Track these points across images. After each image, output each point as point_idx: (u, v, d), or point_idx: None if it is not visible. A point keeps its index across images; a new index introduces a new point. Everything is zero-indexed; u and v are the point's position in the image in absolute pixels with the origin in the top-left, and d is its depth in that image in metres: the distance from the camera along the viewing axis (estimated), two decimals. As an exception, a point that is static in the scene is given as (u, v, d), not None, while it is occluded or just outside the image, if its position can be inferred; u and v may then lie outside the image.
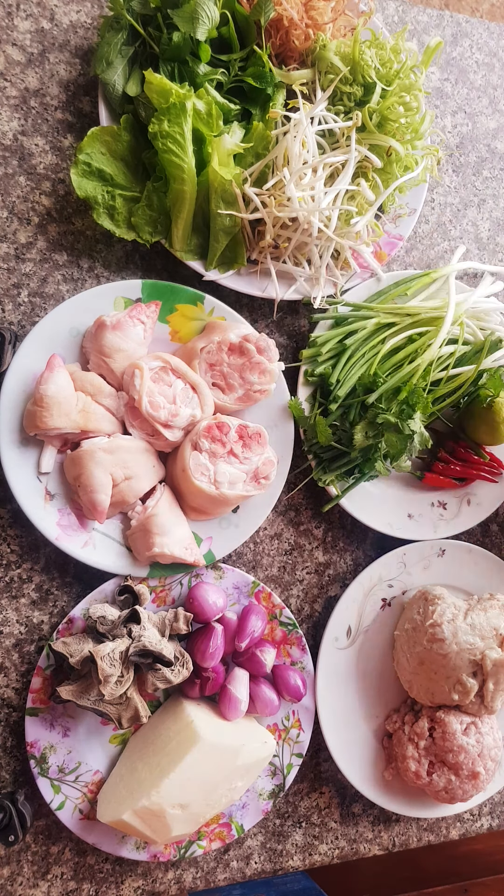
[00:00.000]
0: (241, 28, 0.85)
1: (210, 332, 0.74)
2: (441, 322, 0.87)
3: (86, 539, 0.74)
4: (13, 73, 0.87)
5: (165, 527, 0.70)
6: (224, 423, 0.70)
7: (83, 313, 0.74)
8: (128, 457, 0.70)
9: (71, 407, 0.68)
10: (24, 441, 0.72)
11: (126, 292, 0.75)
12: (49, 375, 0.67)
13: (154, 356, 0.71)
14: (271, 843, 0.87)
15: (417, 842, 0.93)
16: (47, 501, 0.72)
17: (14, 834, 0.74)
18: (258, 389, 0.73)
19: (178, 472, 0.72)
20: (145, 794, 0.70)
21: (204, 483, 0.69)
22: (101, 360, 0.71)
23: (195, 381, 0.72)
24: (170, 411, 0.69)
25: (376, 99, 0.85)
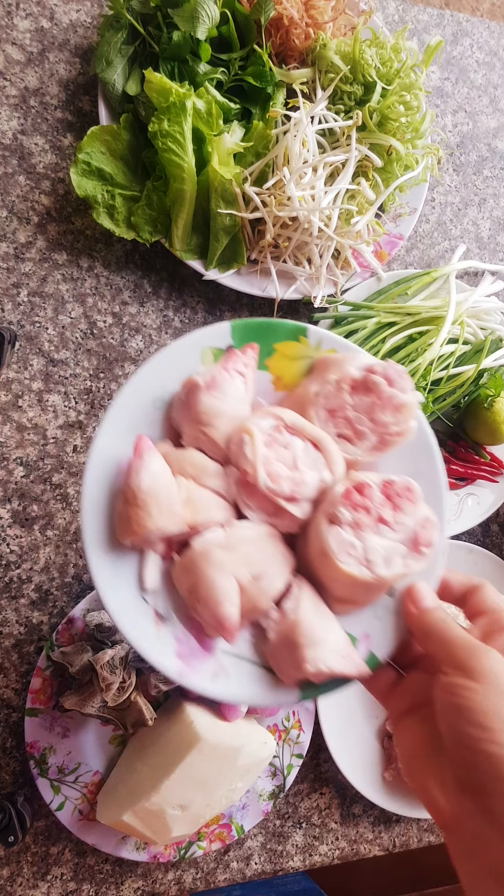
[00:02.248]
0: (242, 27, 0.85)
1: (321, 370, 0.57)
2: (441, 321, 0.87)
3: (215, 667, 0.55)
4: (13, 72, 0.87)
5: (314, 634, 0.51)
6: (364, 482, 0.52)
7: (165, 377, 0.56)
8: (252, 550, 0.52)
9: (172, 499, 0.51)
10: (117, 552, 0.54)
11: (213, 341, 0.57)
12: (140, 464, 0.51)
13: (262, 413, 0.53)
14: (271, 843, 0.87)
15: (418, 842, 0.92)
16: (159, 626, 0.54)
17: (13, 835, 0.74)
18: (395, 431, 0.54)
19: (314, 557, 0.53)
20: (145, 795, 0.70)
21: (353, 566, 0.50)
22: (199, 431, 0.54)
23: (317, 436, 0.53)
24: (292, 480, 0.52)
25: (377, 98, 0.85)
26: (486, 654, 0.43)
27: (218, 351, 0.57)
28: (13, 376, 0.83)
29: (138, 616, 0.53)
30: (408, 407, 0.54)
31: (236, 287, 0.86)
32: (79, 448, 0.85)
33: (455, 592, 0.54)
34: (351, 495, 0.51)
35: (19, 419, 0.83)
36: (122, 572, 0.53)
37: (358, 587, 0.51)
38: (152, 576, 0.54)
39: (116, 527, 0.53)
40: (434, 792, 0.43)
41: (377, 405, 0.54)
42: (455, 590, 0.54)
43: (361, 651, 0.54)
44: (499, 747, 0.39)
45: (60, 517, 0.83)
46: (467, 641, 0.44)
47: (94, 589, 0.81)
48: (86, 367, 0.86)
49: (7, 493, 0.82)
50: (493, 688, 0.41)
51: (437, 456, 0.57)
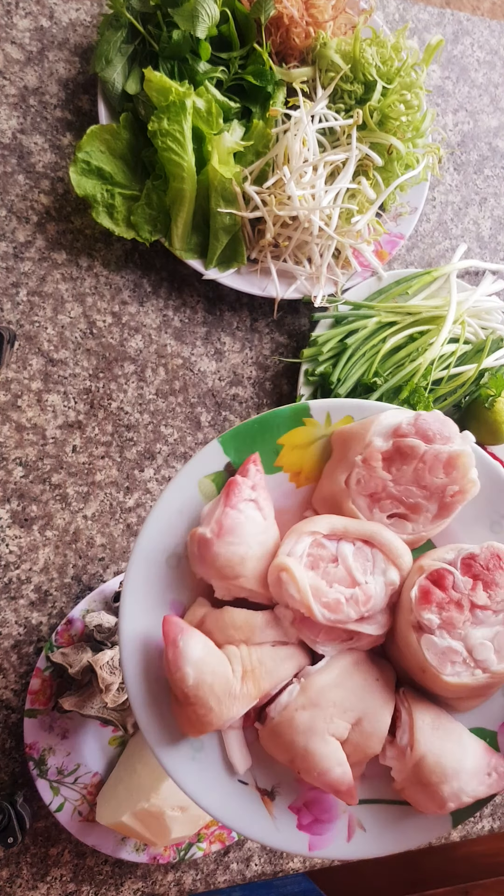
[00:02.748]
0: (242, 26, 0.84)
1: (343, 448, 0.48)
2: (442, 321, 0.87)
3: (344, 824, 0.46)
4: (12, 71, 0.87)
5: (445, 767, 0.43)
6: (441, 571, 0.43)
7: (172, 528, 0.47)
8: (340, 694, 0.44)
9: (229, 682, 0.43)
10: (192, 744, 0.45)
11: (208, 467, 0.47)
12: (177, 656, 0.41)
13: (294, 536, 0.44)
14: (271, 845, 0.87)
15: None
16: (270, 808, 0.46)
17: (13, 836, 0.74)
18: (455, 491, 0.45)
19: (414, 671, 0.45)
20: (145, 796, 0.70)
21: (463, 675, 0.41)
22: (229, 585, 0.45)
23: (367, 532, 0.44)
24: (355, 599, 0.43)
25: (377, 97, 0.85)
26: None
27: (218, 475, 0.48)
28: (12, 376, 0.83)
29: (244, 804, 0.45)
30: (460, 458, 0.44)
31: (236, 286, 0.86)
32: (78, 448, 0.85)
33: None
34: (430, 594, 0.42)
35: (18, 419, 0.83)
36: (205, 763, 0.45)
37: (477, 689, 0.43)
38: (240, 757, 0.46)
39: (179, 724, 0.44)
40: None
41: (422, 469, 0.44)
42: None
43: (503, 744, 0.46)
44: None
45: (60, 517, 0.83)
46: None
47: (95, 589, 0.81)
48: (85, 367, 0.86)
49: (6, 494, 0.81)
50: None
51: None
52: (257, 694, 0.44)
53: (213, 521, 0.44)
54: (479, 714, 0.46)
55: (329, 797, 0.46)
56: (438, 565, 0.42)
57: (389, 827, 0.46)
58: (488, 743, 0.45)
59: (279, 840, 0.45)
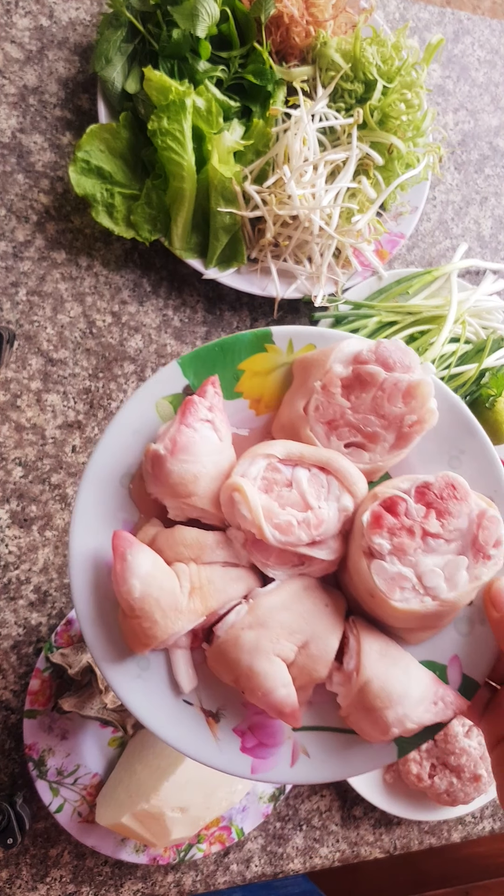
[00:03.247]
0: (242, 25, 0.84)
1: (303, 374, 0.47)
2: (443, 320, 0.86)
3: (288, 750, 0.46)
4: (12, 70, 0.87)
5: (390, 692, 0.42)
6: (394, 497, 0.42)
7: (127, 448, 0.47)
8: (287, 616, 0.44)
9: (175, 597, 0.43)
10: (137, 659, 0.45)
11: (166, 388, 0.47)
12: (125, 569, 0.42)
13: (249, 456, 0.44)
14: (272, 846, 0.86)
15: (419, 845, 0.92)
16: (214, 729, 0.46)
17: (12, 837, 0.73)
18: (413, 421, 0.44)
19: (364, 597, 0.44)
20: (144, 797, 0.70)
21: (411, 601, 0.41)
22: (181, 504, 0.45)
23: (323, 458, 0.44)
24: (307, 522, 0.43)
25: (377, 96, 0.85)
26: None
27: (176, 397, 0.48)
28: (11, 376, 0.83)
29: (187, 724, 0.45)
30: (419, 387, 0.43)
31: (236, 286, 0.86)
32: (77, 448, 0.84)
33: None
34: (382, 519, 0.41)
35: (18, 419, 0.83)
36: (151, 682, 0.45)
37: (427, 618, 0.42)
38: (186, 676, 0.46)
39: (125, 639, 0.44)
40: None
41: (380, 398, 0.44)
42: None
43: (453, 678, 0.45)
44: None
45: (59, 518, 0.83)
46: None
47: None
48: (85, 367, 0.86)
49: (6, 494, 0.81)
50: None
51: (477, 426, 0.47)
52: (204, 610, 0.44)
53: (167, 438, 0.44)
54: (430, 647, 0.46)
55: (274, 723, 0.46)
56: (392, 492, 0.42)
57: (334, 754, 0.45)
58: (438, 676, 0.45)
59: (221, 761, 0.45)
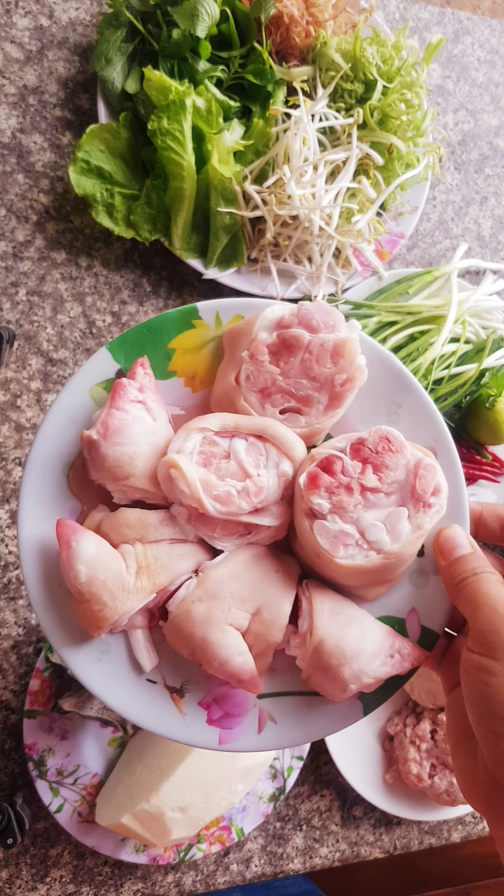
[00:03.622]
0: (242, 25, 0.84)
1: (232, 346, 0.48)
2: (443, 320, 0.86)
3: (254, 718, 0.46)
4: (12, 70, 0.87)
5: (344, 649, 0.43)
6: (329, 456, 0.42)
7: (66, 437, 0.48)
8: (237, 586, 0.45)
9: (122, 577, 0.44)
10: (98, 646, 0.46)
11: (96, 375, 0.48)
12: (70, 555, 0.43)
13: (183, 433, 0.45)
14: (271, 846, 0.86)
15: (419, 845, 0.92)
16: (180, 705, 0.46)
17: (12, 837, 0.73)
18: (343, 380, 0.44)
19: (312, 559, 0.45)
20: (144, 798, 0.70)
21: (356, 557, 0.42)
22: (121, 486, 0.46)
23: (258, 427, 0.45)
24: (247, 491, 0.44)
25: (377, 96, 0.85)
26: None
27: (108, 382, 0.48)
28: (11, 376, 0.83)
29: (152, 702, 0.45)
30: (345, 346, 0.44)
31: (236, 286, 0.86)
32: (78, 448, 0.84)
33: (492, 529, 0.43)
34: (318, 479, 0.42)
35: (18, 419, 0.83)
36: (112, 664, 0.46)
37: (375, 572, 0.42)
38: (146, 655, 0.47)
39: (81, 624, 0.45)
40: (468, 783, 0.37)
41: (308, 360, 0.44)
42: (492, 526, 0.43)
43: (412, 630, 0.46)
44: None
45: (59, 517, 0.83)
46: (498, 605, 0.35)
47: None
48: (85, 367, 0.86)
49: (6, 494, 0.81)
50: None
51: (411, 379, 0.47)
52: (152, 588, 0.44)
53: (98, 423, 0.45)
54: (387, 602, 0.46)
55: (238, 693, 0.46)
56: (328, 451, 0.42)
57: (300, 718, 0.46)
58: (397, 630, 0.45)
59: (189, 735, 0.45)
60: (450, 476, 0.45)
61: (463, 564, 0.39)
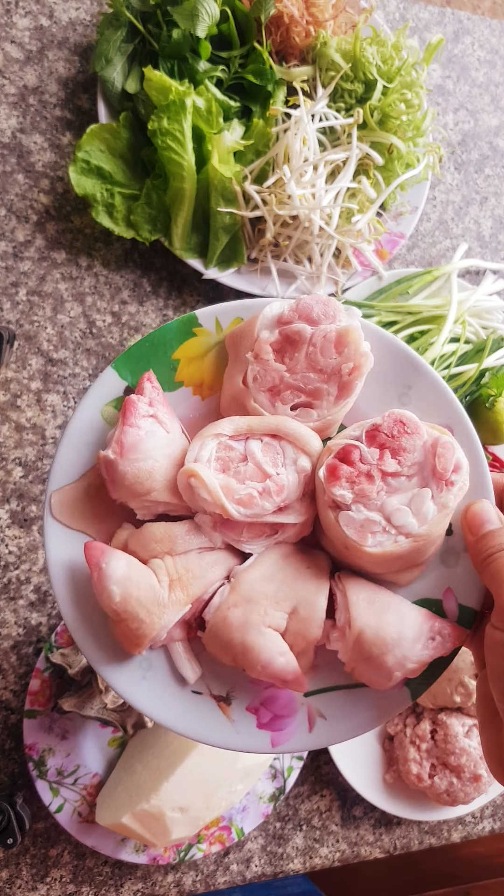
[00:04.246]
0: (242, 25, 0.84)
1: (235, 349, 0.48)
2: (443, 320, 0.86)
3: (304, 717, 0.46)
4: (12, 70, 0.87)
5: (385, 638, 0.43)
6: (346, 447, 0.43)
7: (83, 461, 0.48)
8: (271, 587, 0.44)
9: (155, 593, 0.44)
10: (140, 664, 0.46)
11: (107, 394, 0.48)
12: (101, 577, 0.43)
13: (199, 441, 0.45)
14: (272, 846, 0.86)
15: (419, 845, 0.92)
16: (228, 712, 0.46)
17: (12, 837, 0.73)
18: (350, 369, 0.45)
19: (341, 551, 0.45)
20: (144, 797, 0.70)
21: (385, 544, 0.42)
22: (143, 502, 0.46)
23: (271, 426, 0.45)
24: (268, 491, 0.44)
25: (377, 96, 0.85)
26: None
27: (118, 401, 0.48)
28: (11, 376, 0.83)
29: (200, 713, 0.45)
30: (347, 334, 0.44)
31: (236, 286, 0.86)
32: (78, 448, 0.84)
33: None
34: (337, 470, 0.42)
35: (18, 419, 0.83)
36: (156, 680, 0.45)
37: (405, 557, 0.42)
38: (188, 667, 0.46)
39: (121, 645, 0.45)
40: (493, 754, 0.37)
41: (313, 353, 0.44)
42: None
43: (450, 610, 0.45)
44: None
45: (59, 517, 0.83)
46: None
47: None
48: (85, 367, 0.86)
49: (6, 494, 0.81)
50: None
51: (419, 359, 0.47)
52: (187, 600, 0.44)
53: (113, 442, 0.45)
54: (422, 585, 0.46)
55: (284, 693, 0.46)
56: (344, 442, 0.42)
57: (349, 711, 0.46)
58: (434, 612, 0.45)
59: (241, 742, 0.45)
60: (469, 451, 0.44)
61: (490, 539, 0.39)
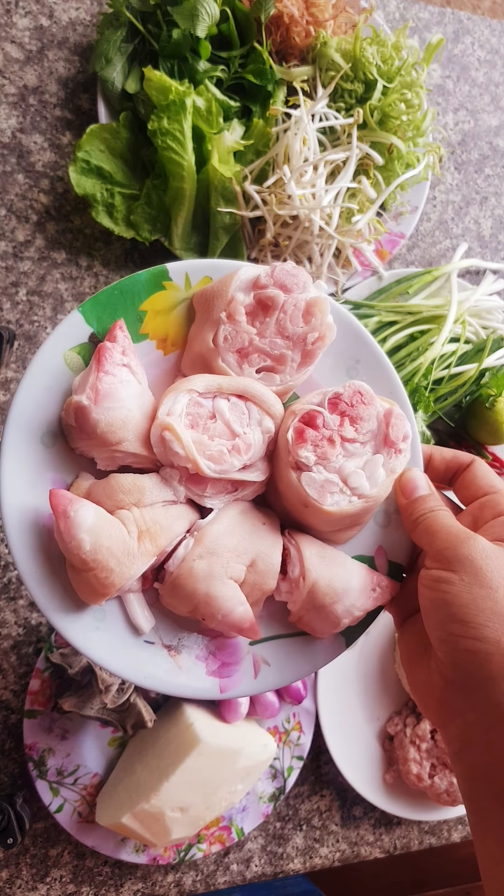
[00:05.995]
0: (242, 25, 0.84)
1: (205, 308, 0.48)
2: (443, 320, 0.86)
3: (249, 664, 0.49)
4: (12, 70, 0.87)
5: (335, 588, 0.47)
6: (311, 412, 0.45)
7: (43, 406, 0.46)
8: (232, 540, 0.46)
9: (126, 543, 0.44)
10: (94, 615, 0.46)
11: (71, 339, 0.47)
12: (69, 525, 0.42)
13: (172, 394, 0.45)
14: (272, 846, 0.86)
15: (419, 845, 0.92)
16: (178, 661, 0.48)
17: (12, 837, 0.73)
18: (315, 338, 0.47)
19: (295, 507, 0.48)
20: (144, 797, 0.70)
21: (342, 503, 0.45)
22: (111, 452, 0.46)
23: (240, 387, 0.46)
24: (237, 448, 0.46)
25: (377, 96, 0.85)
26: (467, 542, 0.39)
27: (83, 347, 0.48)
28: (11, 376, 0.83)
29: (153, 661, 0.47)
30: (316, 305, 0.46)
31: (236, 286, 0.86)
32: (78, 448, 0.84)
33: (439, 471, 0.48)
34: (304, 434, 0.45)
35: (18, 419, 0.82)
36: (110, 631, 0.46)
37: (355, 516, 0.47)
38: (144, 617, 0.48)
39: (80, 593, 0.45)
40: (423, 691, 0.41)
41: (283, 319, 0.46)
42: (439, 468, 0.48)
43: (380, 565, 0.50)
44: (478, 643, 0.36)
45: (59, 517, 0.83)
46: (451, 530, 0.40)
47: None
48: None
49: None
50: (472, 577, 0.37)
51: (368, 336, 0.50)
52: (155, 551, 0.45)
53: (88, 388, 0.44)
54: (357, 543, 0.50)
55: (232, 642, 0.49)
56: (309, 407, 0.45)
57: (291, 657, 0.49)
58: (368, 566, 0.49)
59: (191, 689, 0.47)
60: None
61: (422, 503, 0.44)
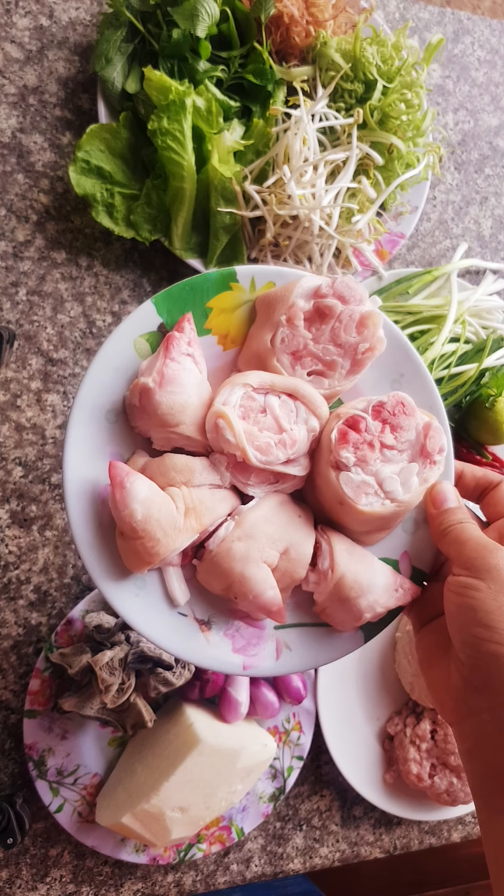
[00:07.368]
0: (242, 25, 0.84)
1: (266, 311, 0.52)
2: (443, 320, 0.86)
3: (272, 646, 0.53)
4: (11, 70, 0.87)
5: (361, 583, 0.50)
6: (356, 416, 0.49)
7: (109, 385, 0.51)
8: (270, 528, 0.50)
9: (173, 517, 0.48)
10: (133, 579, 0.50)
11: (142, 327, 0.51)
12: (125, 495, 0.46)
13: (228, 386, 0.49)
14: (272, 846, 0.86)
15: (419, 845, 0.92)
16: (207, 636, 0.52)
17: (12, 836, 0.73)
18: (366, 348, 0.50)
19: (331, 505, 0.51)
20: (144, 797, 0.70)
21: (375, 505, 0.48)
22: (169, 433, 0.50)
23: (290, 385, 0.50)
24: (283, 442, 0.49)
25: (377, 96, 0.85)
26: (495, 553, 0.42)
27: (152, 335, 0.52)
28: (11, 376, 0.83)
29: (184, 632, 0.51)
30: (370, 318, 0.50)
31: (236, 286, 0.86)
32: (78, 448, 0.84)
33: (469, 487, 0.52)
34: (347, 436, 0.48)
35: (18, 419, 0.83)
36: (148, 599, 0.50)
37: (386, 519, 0.50)
38: (180, 590, 0.51)
39: (125, 561, 0.49)
40: (440, 691, 0.44)
41: (338, 328, 0.50)
42: (469, 485, 0.52)
43: (404, 570, 0.53)
44: (500, 647, 0.39)
45: (59, 517, 0.83)
46: (480, 541, 0.43)
47: (94, 589, 0.81)
48: (85, 367, 0.86)
49: (6, 494, 0.81)
50: (499, 586, 0.40)
51: (414, 352, 0.54)
52: (199, 528, 0.49)
53: (154, 372, 0.48)
54: (384, 546, 0.53)
55: (259, 624, 0.53)
56: (354, 412, 0.48)
57: (311, 645, 0.53)
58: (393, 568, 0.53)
59: (217, 663, 0.51)
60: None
61: (451, 515, 0.47)
